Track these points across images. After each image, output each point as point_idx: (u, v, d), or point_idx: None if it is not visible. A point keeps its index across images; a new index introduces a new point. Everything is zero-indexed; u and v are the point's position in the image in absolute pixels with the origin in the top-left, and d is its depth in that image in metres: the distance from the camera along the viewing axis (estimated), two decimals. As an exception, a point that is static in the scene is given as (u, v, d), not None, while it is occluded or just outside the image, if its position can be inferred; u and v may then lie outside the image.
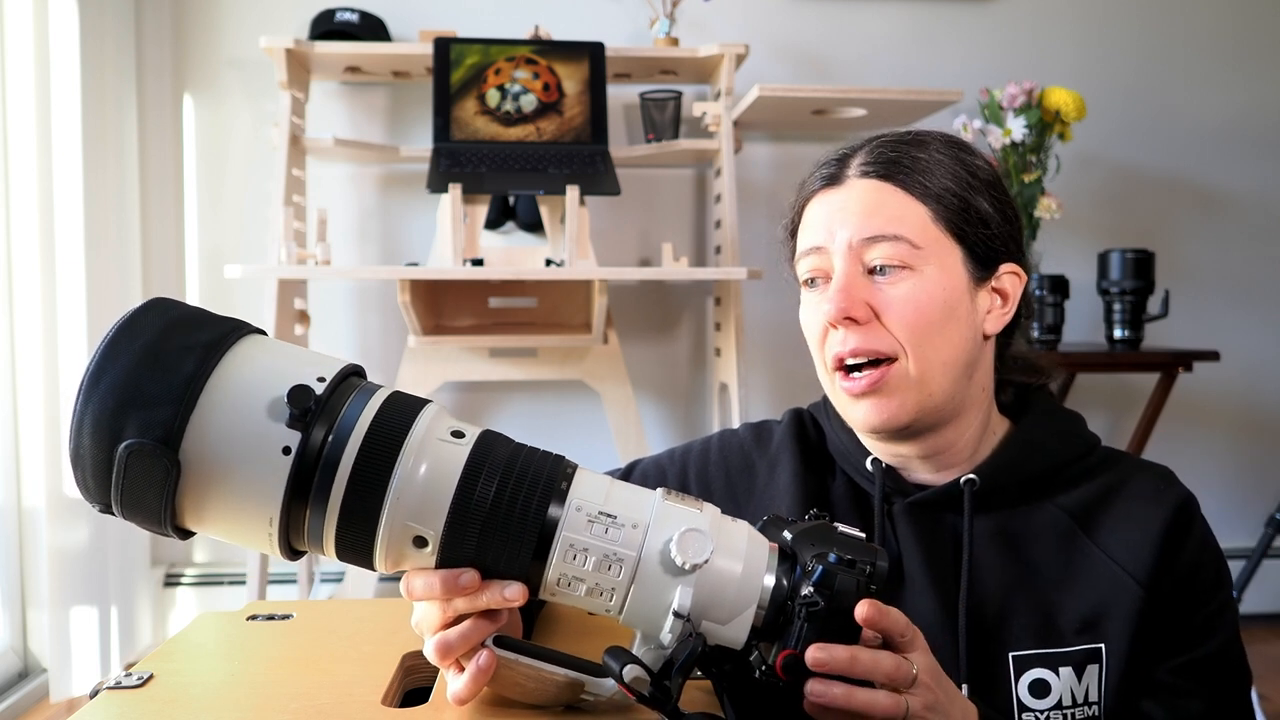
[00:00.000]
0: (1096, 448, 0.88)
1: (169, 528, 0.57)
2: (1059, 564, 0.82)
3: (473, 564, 0.59)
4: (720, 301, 2.40)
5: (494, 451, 0.60)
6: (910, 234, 0.81)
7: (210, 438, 0.55)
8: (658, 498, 0.62)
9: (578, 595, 0.60)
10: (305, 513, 0.57)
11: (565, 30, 2.47)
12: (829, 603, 0.60)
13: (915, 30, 2.68)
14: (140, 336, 0.56)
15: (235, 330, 0.59)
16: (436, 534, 0.58)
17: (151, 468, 0.54)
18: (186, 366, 0.56)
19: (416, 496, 0.58)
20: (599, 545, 0.59)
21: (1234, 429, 2.80)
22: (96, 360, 0.55)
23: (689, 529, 0.60)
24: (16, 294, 2.11)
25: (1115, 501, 0.84)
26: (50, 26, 2.09)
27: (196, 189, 2.53)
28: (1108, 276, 2.38)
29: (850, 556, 0.61)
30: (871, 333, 0.80)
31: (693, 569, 0.59)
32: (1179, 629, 0.81)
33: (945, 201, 0.82)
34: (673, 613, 0.59)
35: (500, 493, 0.58)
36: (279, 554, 0.59)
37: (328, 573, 2.54)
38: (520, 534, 0.59)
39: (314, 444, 0.56)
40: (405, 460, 0.57)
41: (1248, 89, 2.76)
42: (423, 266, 2.09)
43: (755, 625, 0.61)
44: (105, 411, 0.54)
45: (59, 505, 2.09)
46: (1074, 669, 0.80)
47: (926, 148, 0.84)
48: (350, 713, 0.64)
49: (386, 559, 0.59)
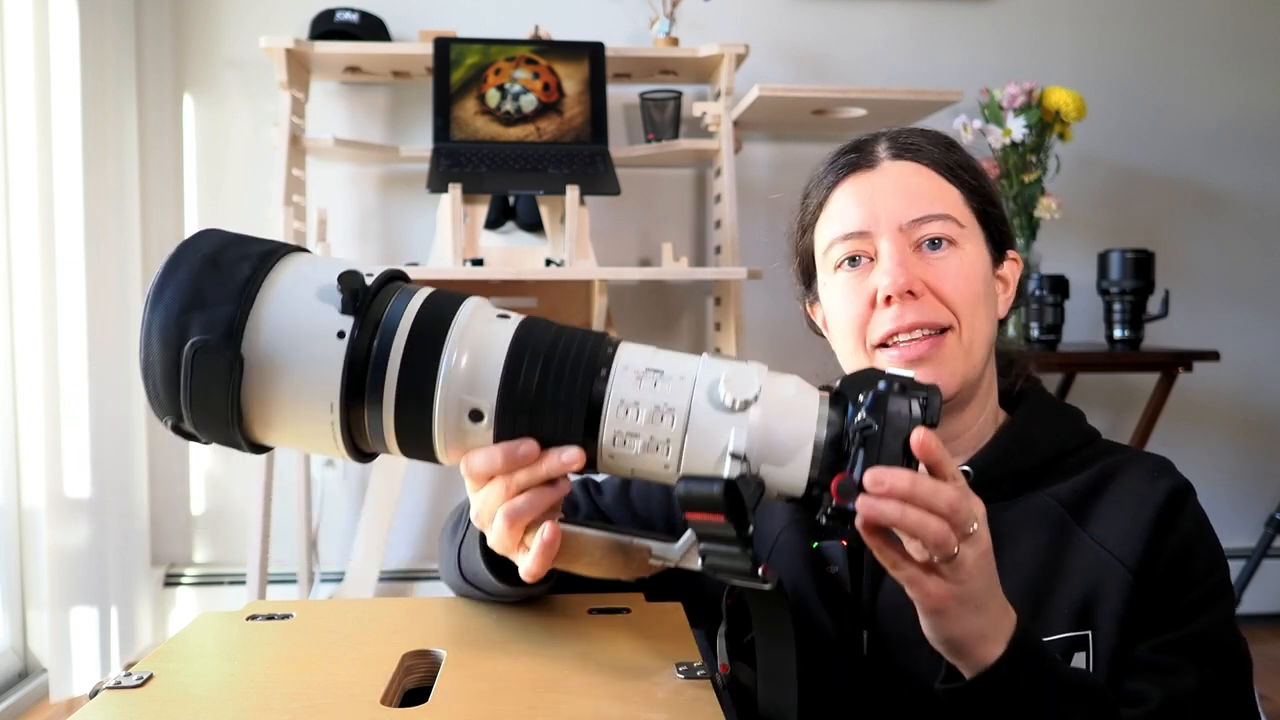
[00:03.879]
0: (1096, 440, 0.89)
1: (236, 431, 0.59)
2: (1050, 554, 0.82)
3: (528, 435, 0.61)
4: (720, 301, 2.40)
5: (539, 326, 0.62)
6: (954, 212, 0.83)
7: (268, 330, 0.58)
8: (705, 356, 0.63)
9: (634, 453, 0.60)
10: (363, 409, 0.59)
11: (565, 30, 2.47)
12: (884, 426, 0.59)
13: (915, 30, 2.68)
14: (199, 251, 0.60)
15: (284, 245, 0.63)
16: (491, 405, 0.60)
17: (216, 363, 0.57)
18: (243, 270, 0.59)
19: (467, 371, 0.59)
20: (649, 398, 0.60)
21: (1234, 429, 2.80)
22: (159, 276, 0.59)
23: (736, 369, 0.60)
24: (16, 294, 2.11)
25: (1108, 490, 0.84)
26: (50, 26, 2.09)
27: (196, 189, 2.54)
28: (1108, 276, 2.38)
29: (902, 384, 0.60)
30: (927, 305, 0.81)
31: (744, 406, 0.59)
32: (1167, 609, 0.79)
33: (969, 185, 0.85)
34: (729, 455, 0.59)
35: (549, 362, 0.60)
36: (344, 452, 0.61)
37: (328, 573, 2.54)
38: (571, 398, 0.60)
39: (362, 342, 0.59)
40: (452, 341, 0.60)
41: (1247, 89, 2.76)
42: (423, 266, 2.09)
43: (814, 469, 0.60)
44: (170, 316, 0.58)
45: (59, 505, 2.09)
46: (1061, 656, 0.79)
47: (934, 138, 0.88)
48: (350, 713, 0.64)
49: (446, 441, 0.60)
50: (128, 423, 2.34)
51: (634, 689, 0.67)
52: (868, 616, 0.82)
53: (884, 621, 0.82)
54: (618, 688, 0.67)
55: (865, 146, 0.87)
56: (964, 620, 0.65)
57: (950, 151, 0.87)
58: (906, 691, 0.80)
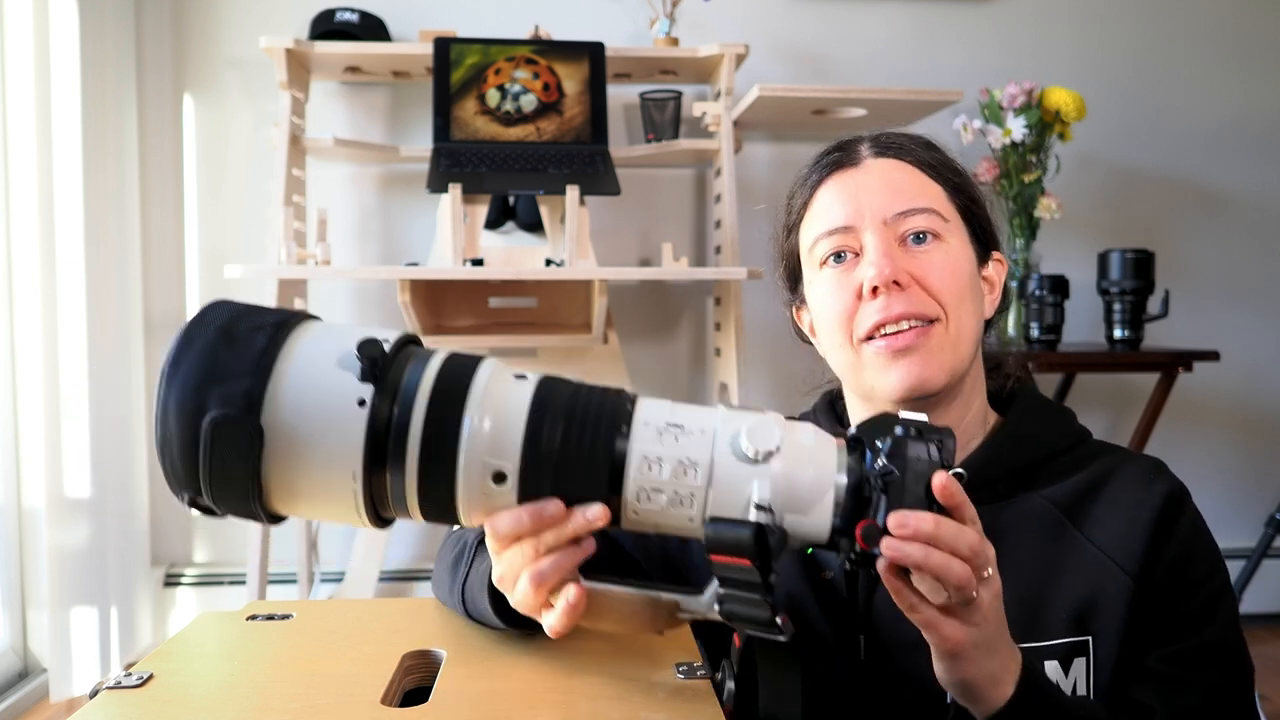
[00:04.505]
0: (1087, 440, 0.89)
1: (256, 505, 0.59)
2: (1047, 557, 0.82)
3: (552, 495, 0.61)
4: (720, 301, 2.40)
5: (557, 386, 0.62)
6: (938, 207, 0.84)
7: (288, 400, 0.58)
8: (721, 408, 0.63)
9: (659, 508, 0.61)
10: (385, 476, 0.59)
11: (565, 30, 2.47)
12: (905, 471, 0.60)
13: (915, 30, 2.68)
14: (210, 325, 0.59)
15: (297, 314, 0.62)
16: (515, 467, 0.60)
17: (236, 437, 0.56)
18: (258, 342, 0.59)
19: (489, 436, 0.59)
20: (672, 453, 0.60)
21: (1234, 429, 2.80)
22: (173, 352, 0.58)
23: (756, 421, 0.61)
24: (16, 294, 2.11)
25: (1104, 492, 0.84)
26: (50, 26, 2.08)
27: (196, 189, 2.53)
28: (1108, 276, 2.38)
29: (919, 429, 0.62)
30: (915, 296, 0.82)
31: (765, 457, 0.60)
32: (1171, 618, 0.79)
33: (954, 183, 0.86)
34: (754, 506, 0.59)
35: (570, 421, 0.60)
36: (366, 519, 0.61)
37: (328, 573, 2.54)
38: (594, 456, 0.60)
39: (383, 410, 0.58)
40: (473, 404, 0.60)
41: (1247, 89, 2.76)
42: (423, 266, 2.09)
43: (836, 516, 0.61)
44: (187, 391, 0.57)
45: (59, 505, 2.09)
46: (1060, 663, 0.79)
47: (917, 139, 0.89)
48: (350, 713, 0.64)
49: (469, 504, 0.60)
50: (128, 423, 2.34)
51: (634, 689, 0.67)
52: (864, 620, 0.82)
53: (881, 625, 0.82)
54: (618, 688, 0.67)
55: (848, 146, 0.88)
56: (978, 663, 0.66)
57: (931, 151, 0.88)
58: (906, 694, 0.80)
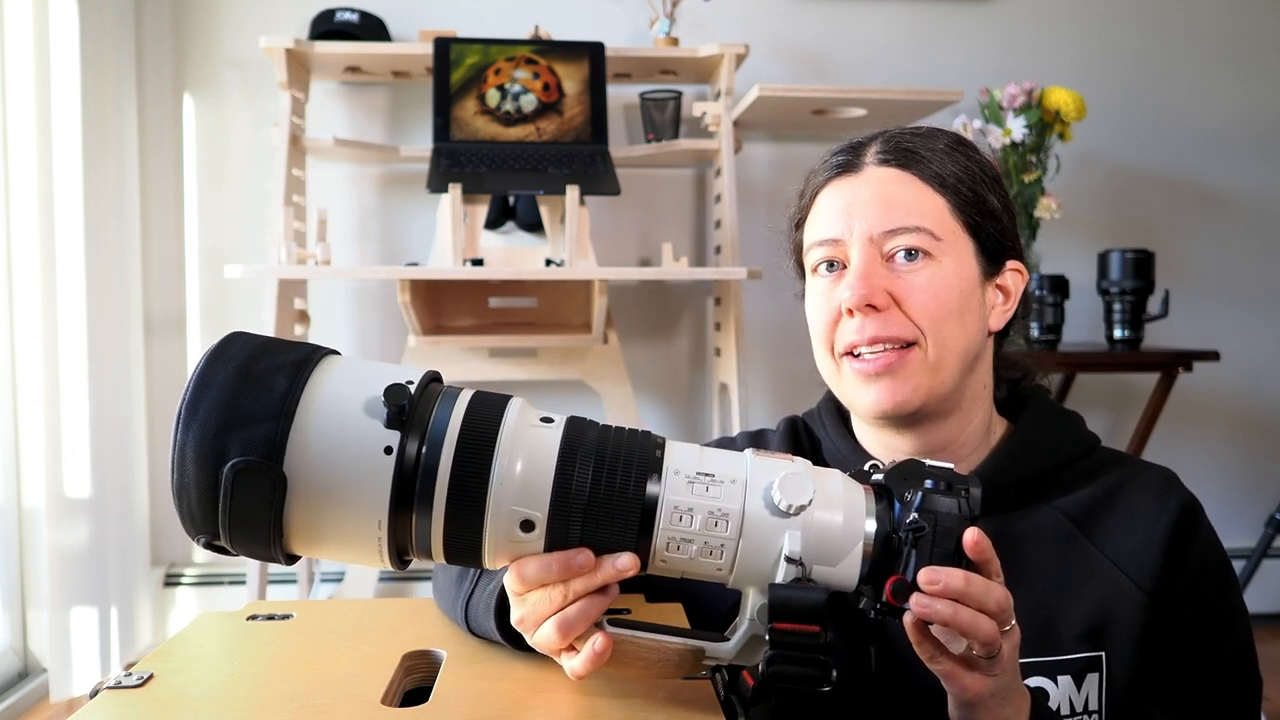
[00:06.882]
0: (1096, 448, 0.88)
1: (277, 550, 0.58)
2: (1058, 569, 0.81)
3: (580, 544, 0.60)
4: (720, 301, 2.40)
5: (585, 433, 0.61)
6: (931, 225, 0.81)
7: (312, 448, 0.56)
8: (749, 455, 0.63)
9: (688, 558, 0.61)
10: (411, 519, 0.58)
11: (565, 30, 2.47)
12: (934, 526, 0.60)
13: (915, 30, 2.68)
14: (229, 363, 0.57)
15: (317, 350, 0.60)
16: (543, 515, 0.59)
17: (258, 484, 0.55)
18: (280, 384, 0.57)
19: (518, 482, 0.59)
20: (703, 503, 0.60)
21: (1234, 429, 2.80)
22: (190, 391, 0.56)
23: (788, 473, 0.60)
24: (16, 294, 2.11)
25: (1116, 504, 0.83)
26: (50, 26, 2.08)
27: (196, 189, 2.53)
28: (1108, 276, 2.38)
29: (947, 481, 0.62)
30: (891, 319, 0.80)
31: (798, 511, 0.60)
32: (1187, 636, 0.79)
33: (961, 194, 0.83)
34: (784, 559, 0.59)
35: (599, 468, 0.59)
36: (389, 563, 0.59)
37: (328, 573, 2.54)
38: (624, 505, 0.59)
39: (410, 451, 0.57)
40: (501, 451, 0.58)
41: (1247, 89, 2.76)
42: (423, 266, 2.09)
43: (864, 567, 0.61)
44: (206, 435, 0.55)
45: (59, 505, 2.09)
46: (1073, 677, 0.78)
47: (938, 141, 0.85)
48: (350, 713, 0.64)
49: (495, 550, 0.60)
50: (128, 423, 2.34)
51: (634, 689, 0.67)
52: (875, 632, 0.82)
53: (891, 636, 0.81)
54: (618, 688, 0.67)
55: (857, 149, 0.86)
56: (994, 710, 0.66)
57: (951, 155, 0.84)
58: (917, 706, 0.80)
